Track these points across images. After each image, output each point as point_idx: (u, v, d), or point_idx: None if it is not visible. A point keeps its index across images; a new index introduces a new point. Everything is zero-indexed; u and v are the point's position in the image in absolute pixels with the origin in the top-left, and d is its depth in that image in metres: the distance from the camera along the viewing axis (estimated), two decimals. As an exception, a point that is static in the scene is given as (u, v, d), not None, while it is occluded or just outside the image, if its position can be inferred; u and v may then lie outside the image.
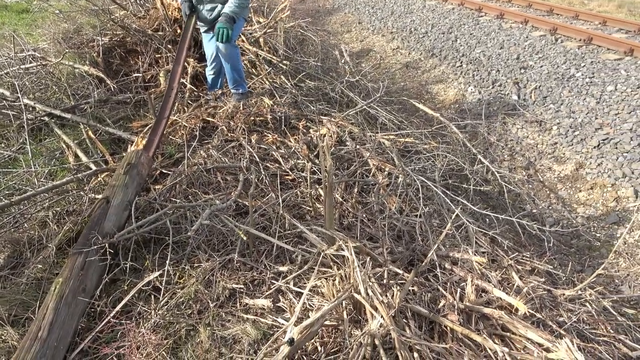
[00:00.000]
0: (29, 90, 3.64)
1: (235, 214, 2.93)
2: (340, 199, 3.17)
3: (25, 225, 2.59)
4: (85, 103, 3.61)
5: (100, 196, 2.81)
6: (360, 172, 3.44)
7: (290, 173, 3.43)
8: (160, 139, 3.15)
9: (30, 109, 3.47)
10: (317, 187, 3.22)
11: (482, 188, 3.77)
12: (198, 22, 4.05)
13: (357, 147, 3.67)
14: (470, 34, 7.67)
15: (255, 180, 3.24)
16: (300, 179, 3.35)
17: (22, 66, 3.77)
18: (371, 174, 3.39)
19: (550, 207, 4.05)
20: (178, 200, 2.77)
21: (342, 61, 5.73)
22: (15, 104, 3.40)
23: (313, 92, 4.69)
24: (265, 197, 3.10)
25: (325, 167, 2.06)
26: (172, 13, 5.18)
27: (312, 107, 4.28)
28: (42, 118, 3.46)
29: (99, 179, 2.97)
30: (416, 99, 5.53)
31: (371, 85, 5.34)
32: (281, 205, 2.89)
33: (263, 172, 3.30)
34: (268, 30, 5.25)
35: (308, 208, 3.09)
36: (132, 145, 3.28)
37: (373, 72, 6.91)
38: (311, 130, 3.76)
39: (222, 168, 3.28)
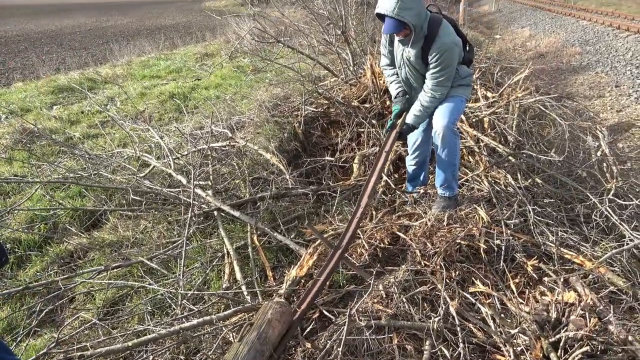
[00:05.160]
0: (207, 175, 3.33)
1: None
2: None
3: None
4: (260, 199, 3.10)
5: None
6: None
7: (502, 351, 2.23)
8: (319, 290, 2.30)
9: (202, 200, 3.13)
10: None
11: None
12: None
13: (626, 334, 2.19)
14: None
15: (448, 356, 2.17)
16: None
17: (212, 145, 3.55)
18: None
19: None
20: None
21: (599, 153, 4.07)
22: (190, 191, 3.10)
23: (552, 205, 3.29)
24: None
25: None
26: (383, 82, 4.55)
27: (550, 234, 2.92)
28: (211, 212, 3.07)
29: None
30: None
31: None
32: None
33: (462, 343, 2.20)
34: (497, 110, 4.08)
35: None
36: (295, 266, 2.58)
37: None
38: (547, 293, 2.42)
39: (401, 328, 2.28)
